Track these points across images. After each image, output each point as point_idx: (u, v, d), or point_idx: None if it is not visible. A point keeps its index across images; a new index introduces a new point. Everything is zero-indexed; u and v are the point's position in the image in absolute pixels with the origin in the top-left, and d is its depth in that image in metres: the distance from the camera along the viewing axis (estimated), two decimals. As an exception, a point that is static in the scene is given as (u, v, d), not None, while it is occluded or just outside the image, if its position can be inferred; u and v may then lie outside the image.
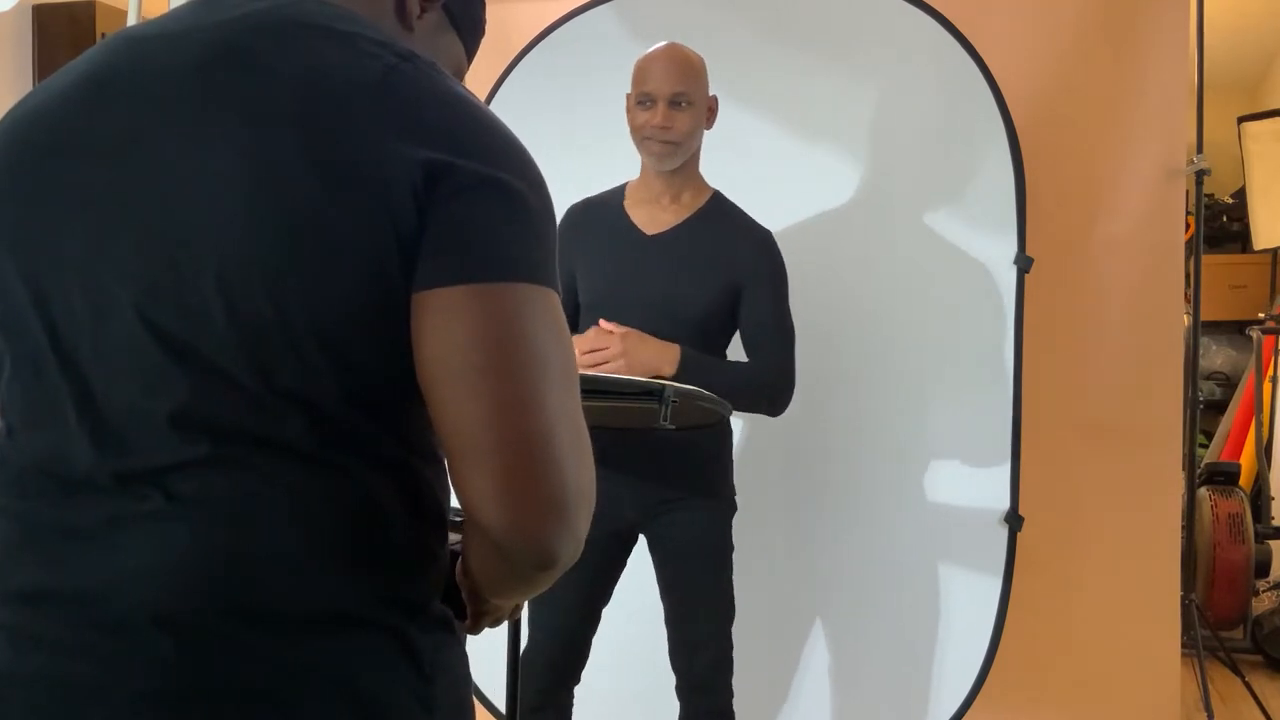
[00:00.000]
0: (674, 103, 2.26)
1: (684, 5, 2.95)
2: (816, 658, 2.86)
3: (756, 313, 2.31)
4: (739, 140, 2.87)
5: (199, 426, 0.86)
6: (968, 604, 2.69)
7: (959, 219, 2.75)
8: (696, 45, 2.92)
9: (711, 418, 2.04)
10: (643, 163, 2.36)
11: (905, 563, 2.79)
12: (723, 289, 2.30)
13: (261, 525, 0.85)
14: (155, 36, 0.94)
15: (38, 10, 4.02)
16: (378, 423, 0.88)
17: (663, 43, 2.37)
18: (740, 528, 2.82)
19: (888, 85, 2.82)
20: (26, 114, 0.95)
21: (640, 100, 2.30)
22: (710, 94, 2.36)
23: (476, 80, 3.26)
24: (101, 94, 0.91)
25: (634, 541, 2.38)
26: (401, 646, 0.88)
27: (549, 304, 0.86)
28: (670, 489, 2.30)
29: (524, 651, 2.31)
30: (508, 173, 0.87)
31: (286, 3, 0.93)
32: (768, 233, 2.37)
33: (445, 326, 0.83)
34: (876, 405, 2.82)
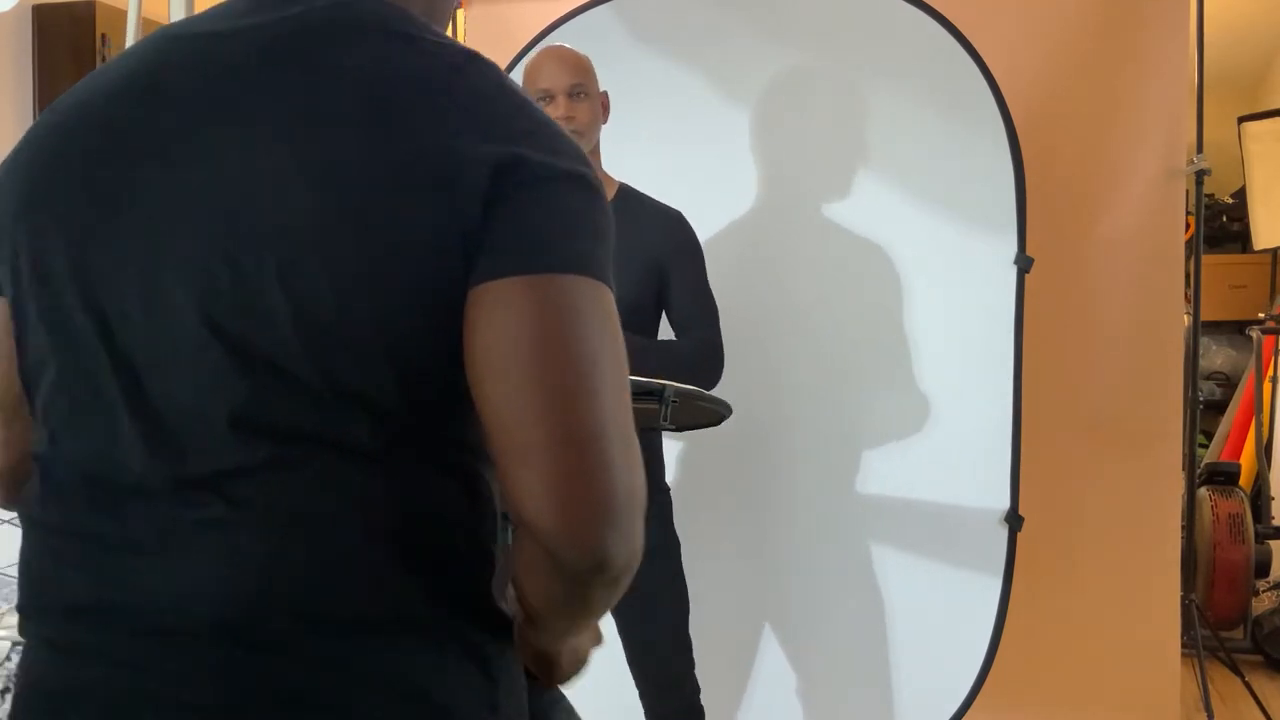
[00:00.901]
0: (572, 94, 2.31)
1: (684, 5, 2.95)
2: (814, 658, 2.86)
3: (681, 294, 2.36)
4: (738, 140, 2.88)
5: (261, 428, 0.84)
6: (968, 604, 2.69)
7: (959, 219, 2.75)
8: (696, 45, 2.93)
9: (712, 418, 2.04)
10: None
11: (905, 563, 2.79)
12: (646, 274, 2.33)
13: (326, 530, 0.84)
14: (206, 35, 0.92)
15: (38, 10, 4.01)
16: (439, 424, 0.86)
17: (547, 45, 2.42)
18: (744, 529, 2.82)
19: (888, 85, 2.82)
20: (73, 111, 0.93)
21: (538, 99, 2.33)
22: (602, 89, 2.39)
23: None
24: (154, 93, 0.90)
25: None
26: (466, 649, 0.87)
27: (605, 299, 0.84)
28: None
29: None
30: (574, 167, 0.86)
31: (341, 3, 0.91)
32: (679, 214, 2.40)
33: (499, 317, 0.81)
34: (876, 405, 2.82)
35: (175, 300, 0.85)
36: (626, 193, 2.41)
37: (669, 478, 2.52)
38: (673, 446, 2.81)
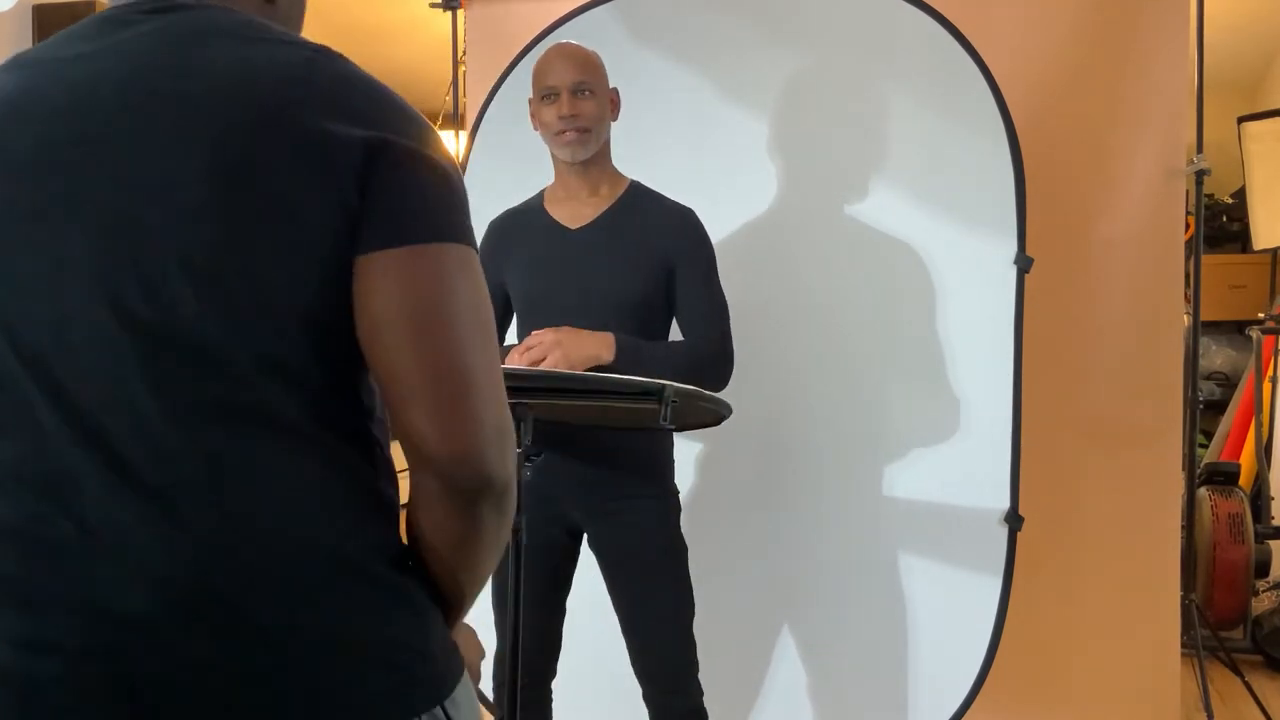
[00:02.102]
0: (577, 91, 2.30)
1: (684, 5, 2.96)
2: (814, 658, 2.87)
3: (689, 291, 2.34)
4: (737, 139, 2.88)
5: (184, 411, 0.90)
6: (968, 604, 2.69)
7: (959, 219, 2.75)
8: (695, 45, 2.93)
9: (712, 418, 2.04)
10: (556, 164, 2.38)
11: (904, 563, 2.79)
12: (653, 272, 2.31)
13: (261, 504, 0.91)
14: (72, 58, 0.98)
15: (38, 10, 4.02)
16: (347, 390, 0.97)
17: (556, 43, 2.41)
18: (741, 529, 2.82)
19: (888, 85, 2.82)
20: None
21: (543, 95, 2.32)
22: (610, 86, 2.38)
23: (477, 80, 3.26)
24: (34, 115, 0.96)
25: (581, 534, 2.39)
26: (399, 595, 0.96)
27: (471, 260, 0.97)
28: (612, 486, 2.30)
29: (496, 653, 2.30)
30: (433, 149, 0.98)
31: (191, 14, 0.99)
32: (690, 211, 2.38)
33: (390, 284, 0.93)
34: (876, 404, 2.82)
35: (80, 300, 0.91)
36: (636, 190, 2.40)
37: (686, 480, 2.51)
38: (689, 449, 2.81)
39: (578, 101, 2.30)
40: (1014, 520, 2.65)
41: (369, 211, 0.92)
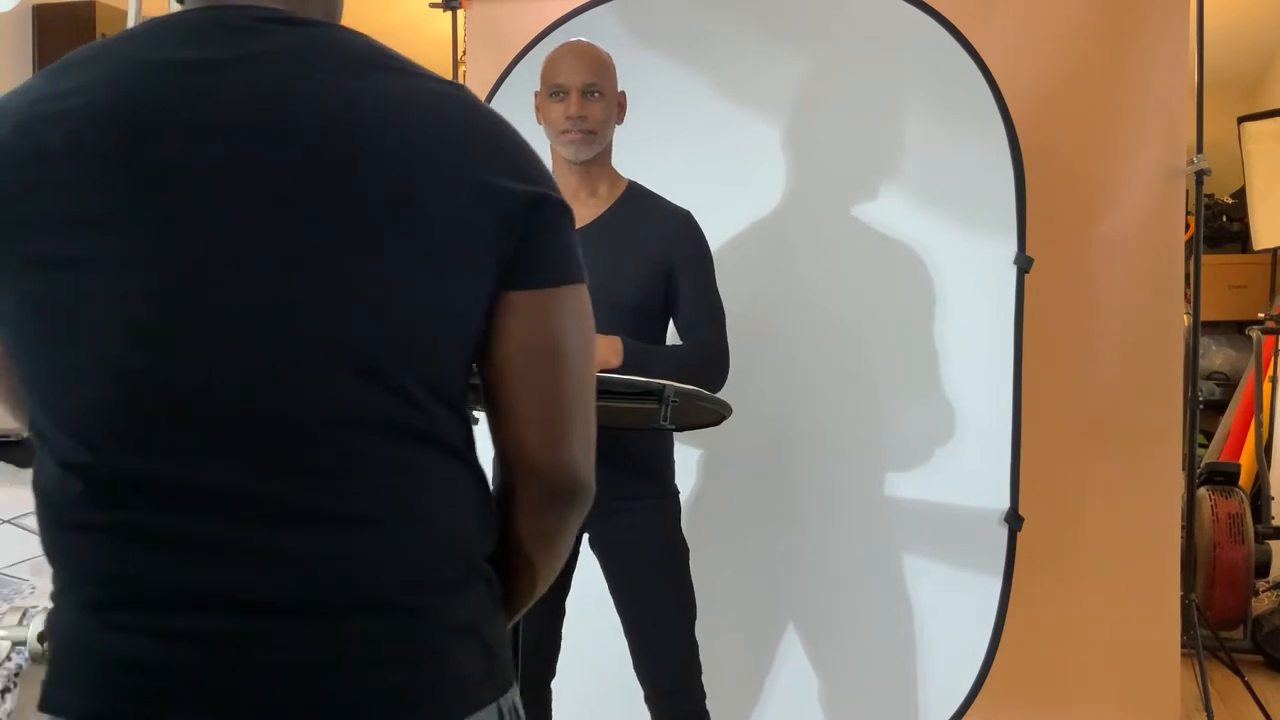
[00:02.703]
0: (586, 92, 2.30)
1: (684, 5, 2.96)
2: (816, 658, 2.87)
3: (687, 295, 2.34)
4: (737, 140, 2.88)
5: (353, 429, 0.95)
6: (968, 604, 2.69)
7: (959, 219, 2.75)
8: (695, 46, 2.93)
9: (712, 418, 2.04)
10: (555, 160, 2.38)
11: (904, 562, 2.79)
12: (652, 273, 2.31)
13: (422, 516, 0.99)
14: (198, 65, 0.95)
15: (38, 10, 4.02)
16: (467, 412, 1.05)
17: (569, 40, 2.40)
18: (743, 529, 2.81)
19: (888, 85, 2.82)
20: (43, 140, 0.94)
21: (552, 93, 2.32)
22: (619, 89, 2.38)
23: (477, 80, 3.26)
24: (169, 128, 0.94)
25: (579, 535, 2.38)
26: (497, 595, 1.06)
27: (586, 298, 1.08)
28: (612, 487, 2.29)
29: None
30: (566, 200, 1.06)
31: (314, 32, 1.00)
32: (688, 213, 2.38)
33: (530, 320, 1.02)
34: (876, 405, 2.82)
35: (244, 314, 0.93)
36: (634, 190, 2.40)
37: (688, 481, 2.50)
38: (690, 449, 2.81)
39: (586, 103, 2.29)
40: (1014, 520, 2.65)
41: (522, 256, 1.00)
